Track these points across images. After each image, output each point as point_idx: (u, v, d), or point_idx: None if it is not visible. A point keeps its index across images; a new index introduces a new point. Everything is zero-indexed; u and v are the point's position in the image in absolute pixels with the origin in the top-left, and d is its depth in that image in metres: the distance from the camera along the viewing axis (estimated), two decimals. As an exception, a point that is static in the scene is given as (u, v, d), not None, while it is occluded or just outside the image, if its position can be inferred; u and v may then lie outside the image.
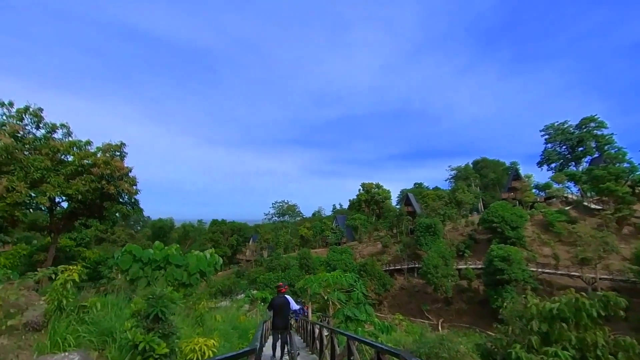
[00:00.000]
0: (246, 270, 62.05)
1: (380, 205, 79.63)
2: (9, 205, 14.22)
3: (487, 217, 49.70)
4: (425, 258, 46.28)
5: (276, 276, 47.75)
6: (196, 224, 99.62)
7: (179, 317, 11.62)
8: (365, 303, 9.08)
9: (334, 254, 53.60)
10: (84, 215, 17.83)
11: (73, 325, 6.21)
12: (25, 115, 14.76)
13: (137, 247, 10.82)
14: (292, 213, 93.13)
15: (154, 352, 5.30)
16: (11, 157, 13.61)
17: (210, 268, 11.67)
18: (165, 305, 5.72)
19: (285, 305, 7.67)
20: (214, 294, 44.37)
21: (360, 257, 62.37)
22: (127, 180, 16.83)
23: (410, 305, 49.44)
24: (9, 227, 19.58)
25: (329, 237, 75.16)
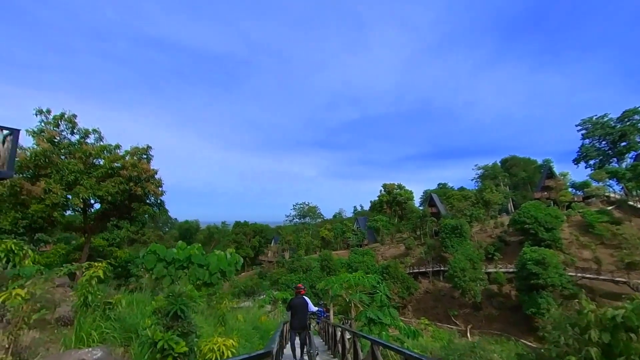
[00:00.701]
0: (268, 271, 62.72)
1: (403, 206, 77.70)
2: (47, 206, 15.13)
3: (518, 217, 46.96)
4: (452, 261, 44.43)
5: (297, 277, 47.80)
6: (220, 226, 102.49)
7: (201, 316, 11.74)
8: (390, 306, 8.63)
9: (355, 256, 52.87)
10: (114, 216, 18.63)
11: (97, 321, 6.33)
12: (61, 121, 15.66)
13: (161, 247, 11.04)
14: (312, 215, 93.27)
15: (173, 350, 5.23)
16: (48, 160, 14.47)
17: (231, 268, 11.69)
18: (184, 303, 5.66)
19: (303, 306, 7.79)
20: (237, 294, 45.21)
21: (383, 259, 61.10)
22: (153, 182, 17.39)
23: (436, 309, 47.63)
24: (49, 228, 20.94)
25: (350, 239, 74.38)
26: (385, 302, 8.56)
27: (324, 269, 51.08)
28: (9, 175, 7.10)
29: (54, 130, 15.30)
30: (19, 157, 13.78)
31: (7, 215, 18.66)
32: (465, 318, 43.78)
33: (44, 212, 16.23)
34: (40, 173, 14.50)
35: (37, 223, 19.08)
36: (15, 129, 7.19)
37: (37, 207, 16.03)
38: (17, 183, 13.49)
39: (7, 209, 14.98)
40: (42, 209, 15.97)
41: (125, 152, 17.11)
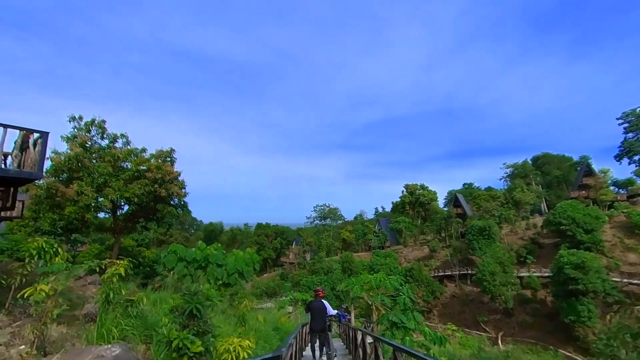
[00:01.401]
0: (290, 273, 62.98)
1: (426, 207, 75.39)
2: (80, 208, 15.96)
3: (553, 218, 43.92)
4: (480, 264, 42.30)
5: (319, 279, 47.55)
6: (243, 228, 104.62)
7: (222, 316, 11.78)
8: (414, 309, 8.13)
9: (377, 258, 51.81)
10: (141, 217, 19.33)
11: (118, 318, 6.41)
12: (91, 127, 16.51)
13: (180, 247, 11.19)
14: (333, 216, 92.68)
15: (189, 350, 5.14)
16: (80, 164, 15.26)
17: (249, 268, 11.64)
18: (200, 302, 5.57)
19: (322, 309, 7.85)
20: (259, 295, 45.70)
21: (406, 261, 59.46)
22: (177, 184, 17.88)
23: (464, 315, 45.50)
24: (83, 229, 22.14)
25: (372, 241, 73.15)
26: (409, 306, 8.07)
27: (345, 271, 50.48)
28: (39, 176, 7.41)
29: (86, 135, 16.12)
30: (54, 161, 14.62)
31: (45, 216, 19.96)
32: (496, 324, 41.44)
33: (77, 213, 17.15)
34: (74, 176, 15.31)
35: (72, 224, 20.24)
36: (45, 131, 7.50)
37: (71, 209, 16.95)
38: (53, 185, 14.31)
39: (45, 210, 15.91)
40: (76, 211, 16.86)
41: (151, 155, 17.73)
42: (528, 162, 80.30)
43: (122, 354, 5.22)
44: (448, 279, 52.33)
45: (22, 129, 7.23)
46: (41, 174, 7.41)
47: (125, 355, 5.27)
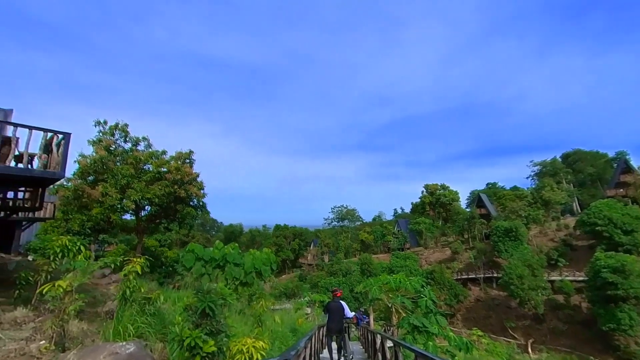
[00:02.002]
0: (308, 274, 62.89)
1: (447, 207, 72.99)
2: (105, 208, 16.56)
3: (587, 219, 41.11)
4: (506, 266, 40.26)
5: (337, 281, 47.10)
6: (261, 229, 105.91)
7: (239, 316, 11.73)
8: (437, 312, 7.65)
9: (397, 260, 50.66)
10: (162, 218, 19.83)
11: (134, 315, 6.43)
12: (115, 131, 17.13)
13: (198, 246, 11.25)
14: (351, 218, 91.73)
15: (202, 349, 5.01)
16: (105, 167, 15.84)
17: (266, 267, 11.52)
18: (213, 300, 5.45)
19: (339, 310, 7.77)
20: (278, 296, 45.87)
21: (427, 263, 57.76)
22: (195, 185, 18.20)
23: (490, 320, 43.47)
24: (109, 229, 23.04)
25: (391, 242, 71.72)
26: (431, 308, 7.60)
27: (364, 273, 49.69)
28: (62, 176, 7.63)
29: (110, 139, 16.73)
30: (81, 164, 15.25)
31: (75, 217, 20.94)
32: (525, 331, 39.23)
33: (103, 214, 17.82)
34: (99, 178, 15.92)
35: (99, 225, 21.11)
36: (67, 132, 7.72)
37: (98, 210, 17.64)
38: (79, 187, 14.92)
39: (73, 211, 16.63)
40: (102, 211, 17.52)
41: (171, 157, 18.16)
42: (557, 159, 75.98)
43: (137, 352, 5.18)
44: (472, 282, 50.27)
45: (45, 130, 7.47)
46: (64, 174, 7.62)
47: (140, 353, 5.22)
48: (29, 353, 4.81)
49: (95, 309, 8.65)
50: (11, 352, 4.73)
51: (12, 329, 5.75)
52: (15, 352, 4.75)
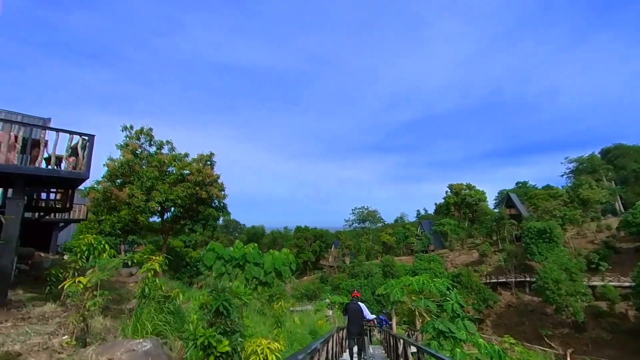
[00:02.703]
0: (329, 276, 62.50)
1: (473, 208, 69.93)
2: (133, 210, 17.22)
3: (632, 219, 37.75)
4: (541, 270, 37.74)
5: (359, 283, 46.38)
6: (283, 231, 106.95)
7: (258, 316, 11.66)
8: (465, 317, 7.08)
9: (420, 262, 49.10)
10: (185, 219, 20.35)
11: (153, 313, 6.46)
12: (141, 135, 17.79)
13: (219, 245, 11.32)
14: (372, 219, 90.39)
15: (216, 349, 4.89)
16: (131, 169, 16.47)
17: (285, 267, 11.38)
18: (227, 299, 5.33)
19: (358, 312, 7.71)
20: (300, 297, 45.86)
21: (453, 266, 55.54)
22: (216, 186, 18.52)
23: (522, 327, 40.91)
24: (137, 230, 24.02)
25: (414, 244, 69.74)
26: (458, 312, 7.05)
27: (386, 275, 48.56)
28: (87, 177, 7.91)
29: (136, 143, 17.40)
30: (109, 167, 15.96)
31: (106, 219, 22.01)
32: (564, 340, 36.50)
33: (130, 215, 18.54)
34: (126, 181, 16.58)
35: (128, 226, 22.06)
36: (91, 134, 8.00)
37: (126, 212, 18.39)
38: (108, 189, 15.61)
39: (102, 212, 17.43)
40: (129, 213, 18.23)
41: (192, 160, 18.61)
42: (596, 155, 70.56)
43: (153, 349, 5.15)
44: (502, 286, 47.65)
45: (71, 133, 7.77)
46: (88, 175, 7.89)
47: (156, 350, 5.19)
48: (51, 347, 4.92)
49: (120, 306, 8.87)
50: (35, 346, 4.86)
51: (39, 323, 5.96)
52: (39, 346, 4.87)
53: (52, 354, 4.77)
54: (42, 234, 17.45)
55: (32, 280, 10.48)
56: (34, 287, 9.17)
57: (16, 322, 5.74)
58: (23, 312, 6.40)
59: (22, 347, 4.76)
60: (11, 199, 6.98)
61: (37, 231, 16.46)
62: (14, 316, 6.06)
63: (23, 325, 5.68)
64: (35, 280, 10.12)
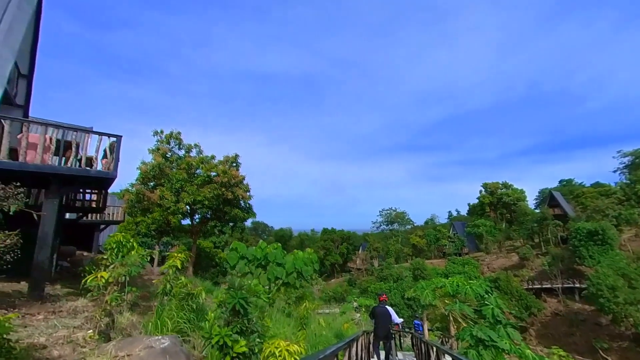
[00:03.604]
0: (357, 279, 61.40)
1: (512, 208, 65.31)
2: (164, 211, 17.88)
3: None
4: (593, 276, 34.12)
5: (388, 286, 45.00)
6: (310, 233, 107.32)
7: (283, 317, 11.44)
8: (508, 324, 6.27)
9: (453, 266, 46.64)
10: (213, 220, 20.82)
11: (174, 310, 6.42)
12: (170, 139, 18.50)
13: (241, 245, 11.28)
14: (401, 221, 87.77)
15: (232, 349, 4.66)
16: (162, 172, 17.14)
17: (307, 267, 11.07)
18: (244, 297, 5.10)
19: (385, 315, 7.57)
20: (328, 300, 45.41)
21: (489, 270, 52.13)
22: (242, 187, 18.75)
23: (573, 338, 37.20)
24: (170, 231, 25.02)
25: (446, 247, 66.55)
26: (500, 318, 6.26)
27: (417, 279, 46.65)
28: (114, 176, 8.17)
29: (166, 146, 18.11)
30: (142, 170, 16.73)
31: (141, 221, 23.16)
32: (623, 354, 32.62)
33: (162, 216, 19.29)
34: (157, 183, 17.29)
35: (161, 227, 23.03)
36: (119, 135, 8.26)
37: (158, 213, 19.15)
38: (141, 191, 16.34)
39: (136, 214, 18.27)
40: (161, 213, 18.97)
41: (219, 162, 19.01)
42: (656, 147, 62.92)
43: (170, 347, 5.04)
44: (547, 292, 43.81)
45: (100, 134, 8.06)
46: (116, 174, 8.15)
47: (174, 348, 5.07)
48: (75, 341, 4.98)
49: (149, 303, 9.05)
50: (59, 339, 4.94)
51: (68, 317, 6.14)
52: (64, 339, 4.95)
53: (75, 348, 4.83)
54: (84, 234, 18.68)
55: (70, 277, 11.11)
56: (72, 283, 9.66)
57: (47, 315, 5.96)
58: (56, 306, 6.67)
59: (48, 339, 4.86)
60: (47, 198, 7.35)
61: (79, 232, 17.63)
62: (47, 309, 6.31)
63: (53, 318, 5.88)
64: (74, 276, 10.67)
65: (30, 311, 6.00)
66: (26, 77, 10.98)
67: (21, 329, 4.97)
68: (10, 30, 8.55)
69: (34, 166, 7.00)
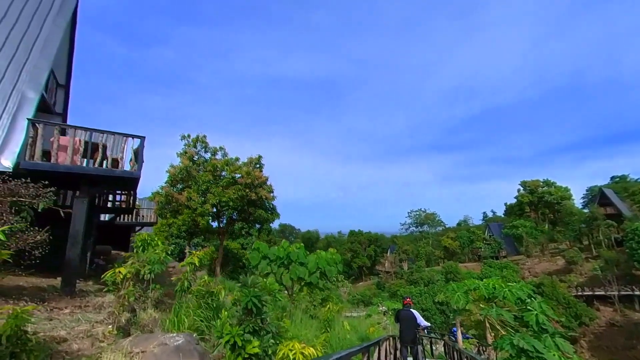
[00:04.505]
0: (386, 282, 59.74)
1: (555, 208, 60.21)
2: (192, 212, 18.43)
3: None
4: (655, 282, 30.24)
5: (418, 290, 43.24)
6: (337, 235, 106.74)
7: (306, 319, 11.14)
8: (556, 333, 5.42)
9: (490, 269, 43.78)
10: (239, 221, 21.14)
11: (191, 308, 6.36)
12: (197, 143, 19.08)
13: (263, 245, 11.20)
14: (431, 222, 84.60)
15: (244, 350, 4.43)
16: (189, 174, 17.69)
17: (331, 267, 10.70)
18: (257, 295, 4.86)
19: (411, 319, 7.37)
20: (356, 303, 44.53)
21: (531, 275, 48.29)
22: (265, 188, 18.84)
23: (633, 351, 33.19)
24: (199, 233, 25.84)
25: (482, 249, 62.75)
26: (547, 326, 5.44)
27: (450, 282, 44.36)
28: (138, 176, 8.40)
29: (193, 150, 18.70)
30: (170, 173, 17.39)
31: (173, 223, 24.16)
32: (697, 373, 28.49)
33: (190, 217, 19.90)
34: (185, 185, 17.87)
35: (191, 229, 23.85)
36: (142, 136, 8.49)
37: (186, 215, 19.78)
38: (169, 193, 16.96)
39: (166, 215, 19.00)
40: (189, 214, 19.57)
41: (242, 163, 19.28)
42: None
43: (184, 345, 4.93)
44: (600, 300, 39.62)
45: (125, 135, 8.33)
46: (139, 174, 8.38)
47: (187, 346, 4.95)
48: (94, 335, 5.03)
49: (174, 300, 9.19)
50: (80, 333, 5.01)
51: (94, 312, 6.31)
52: (84, 333, 5.02)
53: (94, 342, 4.87)
54: (120, 235, 19.80)
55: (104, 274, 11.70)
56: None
57: (74, 310, 6.16)
58: (84, 301, 6.91)
59: (69, 333, 4.96)
60: (77, 198, 7.69)
61: (116, 233, 18.69)
62: (74, 304, 6.54)
63: (79, 313, 6.06)
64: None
65: (59, 305, 6.24)
66: (64, 87, 11.80)
67: (45, 322, 5.13)
68: (47, 43, 9.17)
69: (64, 167, 7.35)
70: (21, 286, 7.19)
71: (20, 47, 8.70)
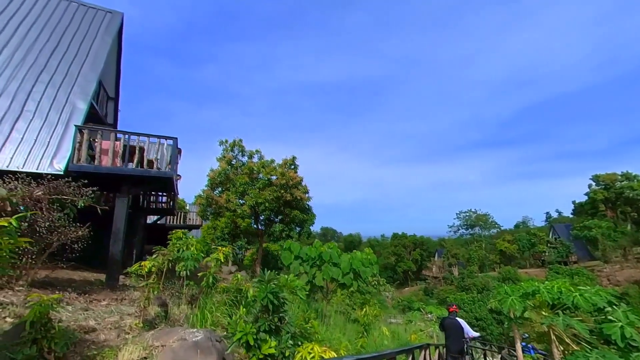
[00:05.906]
0: (434, 288, 56.08)
1: (638, 205, 51.24)
2: (232, 214, 19.06)
3: None
4: None
5: (471, 297, 39.72)
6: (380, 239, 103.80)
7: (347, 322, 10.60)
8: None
9: (557, 276, 38.53)
10: (277, 222, 21.37)
11: (215, 304, 6.26)
12: (234, 147, 19.77)
13: (295, 244, 10.96)
14: (484, 224, 77.92)
15: (259, 350, 4.09)
16: (227, 178, 18.33)
17: (365, 268, 10.04)
18: (275, 291, 4.51)
19: (457, 327, 6.99)
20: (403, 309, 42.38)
21: (611, 283, 41.50)
22: (300, 189, 18.77)
23: None
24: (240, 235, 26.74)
25: (546, 253, 55.86)
26: (637, 343, 4.21)
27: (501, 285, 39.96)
28: (172, 175, 8.73)
29: (230, 154, 19.40)
30: (210, 176, 18.21)
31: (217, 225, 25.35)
32: None
33: (230, 219, 20.60)
34: (224, 188, 18.56)
35: (232, 231, 24.77)
36: (174, 137, 8.82)
37: (227, 218, 20.53)
38: (210, 196, 17.74)
39: (208, 217, 19.89)
40: (229, 216, 20.26)
41: (277, 165, 19.48)
42: None
43: (203, 341, 4.76)
44: None
45: (159, 137, 8.71)
46: (172, 173, 8.69)
47: (206, 342, 4.78)
48: (121, 327, 5.13)
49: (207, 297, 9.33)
50: (109, 324, 5.14)
51: (128, 304, 6.56)
52: (112, 325, 5.15)
53: (120, 333, 4.95)
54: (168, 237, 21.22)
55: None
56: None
57: (110, 302, 6.45)
58: (122, 294, 7.25)
59: (99, 323, 5.13)
60: (117, 198, 8.19)
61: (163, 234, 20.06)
62: (112, 297, 6.87)
63: (114, 305, 6.33)
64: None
65: (98, 297, 6.59)
66: (113, 99, 12.96)
67: (81, 312, 5.38)
68: (95, 57, 10.08)
69: (105, 169, 7.88)
70: (72, 279, 7.81)
71: (73, 63, 9.66)
